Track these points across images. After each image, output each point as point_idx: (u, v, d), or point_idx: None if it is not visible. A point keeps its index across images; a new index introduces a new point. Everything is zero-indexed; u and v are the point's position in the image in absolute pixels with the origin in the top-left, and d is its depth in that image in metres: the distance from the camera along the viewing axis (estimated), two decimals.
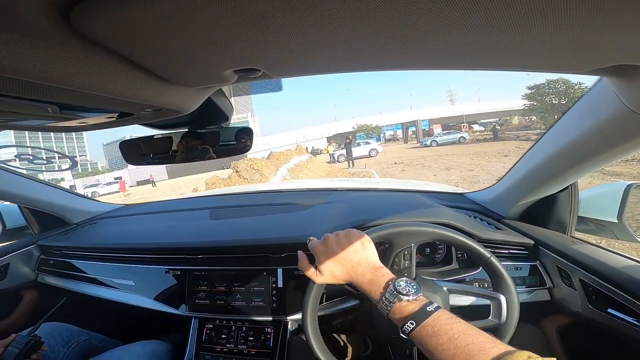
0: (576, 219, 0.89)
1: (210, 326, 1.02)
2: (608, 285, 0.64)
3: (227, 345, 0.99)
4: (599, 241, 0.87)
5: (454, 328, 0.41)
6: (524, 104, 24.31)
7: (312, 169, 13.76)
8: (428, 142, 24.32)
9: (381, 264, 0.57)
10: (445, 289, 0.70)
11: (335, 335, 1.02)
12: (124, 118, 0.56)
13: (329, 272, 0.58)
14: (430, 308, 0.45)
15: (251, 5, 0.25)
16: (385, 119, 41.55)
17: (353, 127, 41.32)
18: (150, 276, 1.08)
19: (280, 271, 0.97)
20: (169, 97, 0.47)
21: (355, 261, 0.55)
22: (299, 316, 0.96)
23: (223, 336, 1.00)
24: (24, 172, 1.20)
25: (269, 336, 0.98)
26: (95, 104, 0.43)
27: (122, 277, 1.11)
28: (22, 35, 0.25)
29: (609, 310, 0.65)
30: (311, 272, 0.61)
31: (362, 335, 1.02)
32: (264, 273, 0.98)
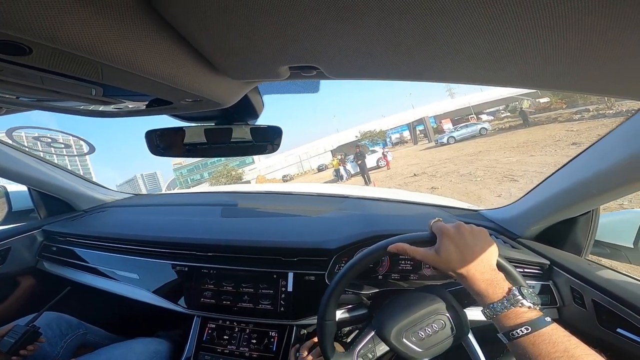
0: (593, 243, 0.90)
1: (213, 326, 1.00)
2: (620, 306, 0.66)
3: (229, 346, 0.97)
4: (612, 264, 0.88)
5: (571, 341, 0.45)
6: None
7: None
8: (445, 140, 19.83)
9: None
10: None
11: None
12: (160, 107, 0.56)
13: (447, 256, 0.55)
14: (547, 319, 0.48)
15: (326, 2, 0.25)
16: (389, 122, 39.83)
17: (357, 136, 39.43)
18: (156, 270, 1.06)
19: (291, 275, 0.95)
20: (214, 88, 0.47)
21: (480, 258, 0.55)
22: (306, 322, 0.95)
23: (225, 337, 0.98)
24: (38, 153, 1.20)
25: (272, 340, 0.96)
26: (141, 88, 0.42)
27: (126, 269, 1.09)
28: (87, 5, 0.23)
29: (618, 330, 0.66)
30: (424, 251, 0.58)
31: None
32: (274, 276, 0.96)
